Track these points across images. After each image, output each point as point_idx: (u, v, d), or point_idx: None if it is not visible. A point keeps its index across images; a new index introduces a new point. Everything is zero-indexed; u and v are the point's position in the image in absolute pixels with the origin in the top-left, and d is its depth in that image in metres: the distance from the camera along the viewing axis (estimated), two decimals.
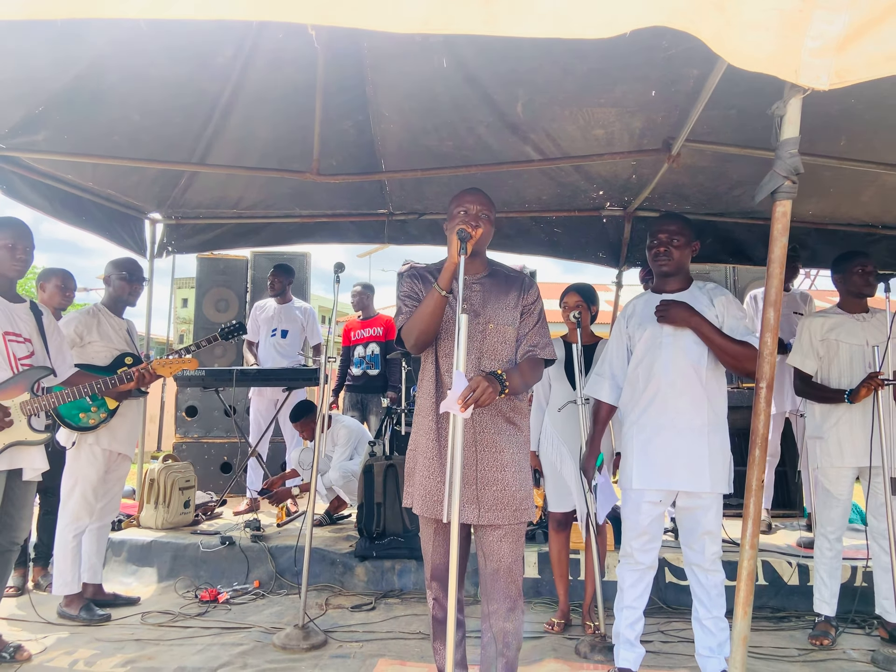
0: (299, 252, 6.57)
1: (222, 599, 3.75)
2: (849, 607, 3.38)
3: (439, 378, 2.34)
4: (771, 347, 1.71)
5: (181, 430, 6.18)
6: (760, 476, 1.72)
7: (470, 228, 2.19)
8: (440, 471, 2.26)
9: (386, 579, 4.00)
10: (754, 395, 1.72)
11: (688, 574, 2.72)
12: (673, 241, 2.70)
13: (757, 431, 1.71)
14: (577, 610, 3.61)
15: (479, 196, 2.38)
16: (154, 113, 3.96)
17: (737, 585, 1.71)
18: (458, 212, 2.36)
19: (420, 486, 2.32)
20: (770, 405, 1.72)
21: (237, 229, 5.29)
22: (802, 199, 4.54)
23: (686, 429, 2.58)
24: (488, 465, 2.26)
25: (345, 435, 4.93)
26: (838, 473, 3.29)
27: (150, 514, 4.48)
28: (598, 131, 3.94)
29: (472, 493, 2.24)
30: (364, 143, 4.32)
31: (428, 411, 2.34)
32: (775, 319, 1.71)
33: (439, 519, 2.24)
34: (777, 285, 1.72)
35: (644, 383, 2.68)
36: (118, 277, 3.76)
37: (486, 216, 2.35)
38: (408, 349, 2.37)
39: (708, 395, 2.61)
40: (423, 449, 2.34)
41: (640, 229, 4.93)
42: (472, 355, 2.29)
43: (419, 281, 2.45)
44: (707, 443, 2.57)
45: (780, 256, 1.71)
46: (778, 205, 1.73)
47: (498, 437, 2.28)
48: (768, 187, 1.73)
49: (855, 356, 3.32)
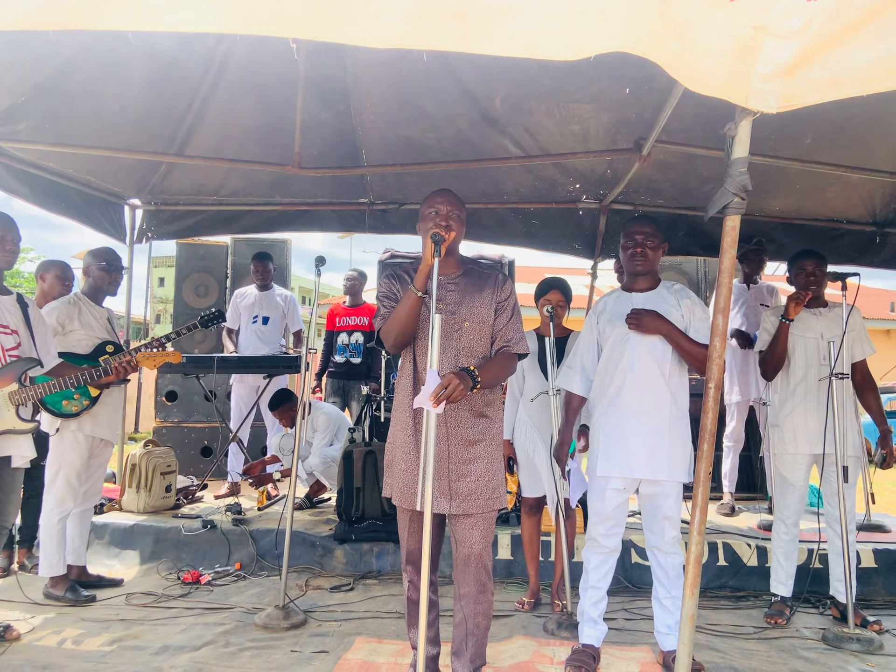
0: (279, 238, 6.62)
1: (204, 581, 3.88)
2: (804, 587, 3.58)
3: (417, 376, 2.47)
4: (719, 350, 1.86)
5: (161, 414, 6.26)
6: (708, 468, 1.88)
7: (443, 231, 2.30)
8: (417, 464, 2.40)
9: (364, 561, 4.14)
10: (703, 394, 1.88)
11: (649, 556, 2.89)
12: (647, 243, 2.85)
13: (705, 427, 1.87)
14: (546, 589, 3.77)
15: (450, 197, 2.50)
16: (134, 103, 4.01)
17: (686, 569, 1.88)
18: (430, 213, 2.46)
19: (398, 479, 2.47)
20: (718, 404, 1.88)
21: (217, 216, 5.34)
22: (770, 196, 4.71)
23: (649, 421, 2.75)
24: (461, 458, 2.41)
25: (324, 421, 5.06)
26: (793, 460, 3.48)
27: (132, 498, 4.57)
28: (575, 127, 4.05)
29: (445, 484, 2.39)
30: (345, 132, 4.38)
31: (406, 408, 2.47)
32: (724, 325, 1.87)
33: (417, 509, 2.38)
34: (726, 294, 1.87)
35: (611, 377, 2.83)
36: (98, 268, 3.82)
37: (456, 216, 2.46)
38: (387, 349, 2.50)
39: (671, 389, 2.77)
40: (400, 444, 2.48)
41: (614, 221, 5.06)
42: (449, 352, 2.43)
43: (396, 281, 2.57)
44: (668, 434, 2.74)
45: (729, 267, 1.86)
46: (728, 220, 1.87)
47: (471, 431, 2.43)
48: (719, 203, 1.88)
49: (809, 349, 3.47)
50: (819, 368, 3.42)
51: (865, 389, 3.52)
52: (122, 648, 3.00)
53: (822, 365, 3.41)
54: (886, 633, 3.29)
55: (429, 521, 2.21)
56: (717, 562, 4.02)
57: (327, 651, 3.00)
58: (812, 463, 3.50)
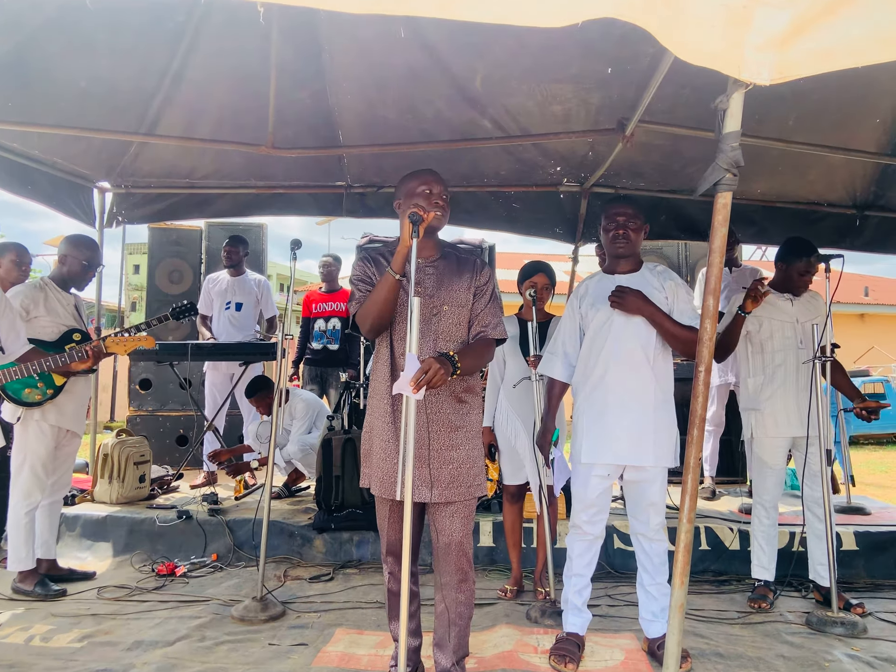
0: (255, 223, 6.51)
1: (179, 573, 3.78)
2: (786, 571, 3.56)
3: (394, 361, 2.38)
4: (710, 333, 1.80)
5: (135, 402, 6.12)
6: (698, 454, 1.82)
7: (422, 211, 2.21)
8: (396, 453, 2.32)
9: (344, 550, 4.07)
10: (693, 377, 1.81)
11: (633, 542, 2.84)
12: (629, 225, 2.77)
13: (695, 412, 1.81)
14: (529, 576, 3.73)
15: (438, 179, 2.40)
16: (101, 80, 3.85)
17: (675, 557, 1.82)
18: (422, 191, 2.36)
19: (377, 468, 2.38)
20: (708, 388, 1.82)
21: (190, 199, 5.19)
22: (751, 179, 4.67)
23: (633, 406, 2.68)
24: (442, 445, 2.33)
25: (302, 408, 4.96)
26: (773, 444, 3.45)
27: (105, 488, 4.45)
28: (556, 107, 3.97)
29: (426, 472, 2.31)
30: (321, 113, 4.26)
31: (383, 394, 2.38)
32: (714, 307, 1.80)
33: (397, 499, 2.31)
34: (717, 274, 1.80)
35: (595, 362, 2.76)
36: (78, 262, 3.66)
37: (446, 198, 2.38)
38: (363, 334, 2.40)
39: (655, 374, 2.70)
40: (378, 431, 2.39)
41: (596, 205, 5.00)
42: (427, 337, 2.34)
43: (371, 264, 2.46)
44: (653, 419, 2.68)
45: (721, 247, 1.79)
46: (719, 196, 1.80)
47: (451, 417, 2.34)
48: (710, 179, 1.80)
49: (786, 333, 3.43)
50: (797, 352, 3.39)
51: (833, 370, 3.48)
52: (93, 644, 2.89)
53: (801, 349, 3.39)
54: (870, 616, 3.27)
55: (409, 510, 2.14)
56: (700, 546, 3.99)
57: (306, 644, 2.91)
58: (790, 446, 3.48)
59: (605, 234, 2.86)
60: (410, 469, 2.13)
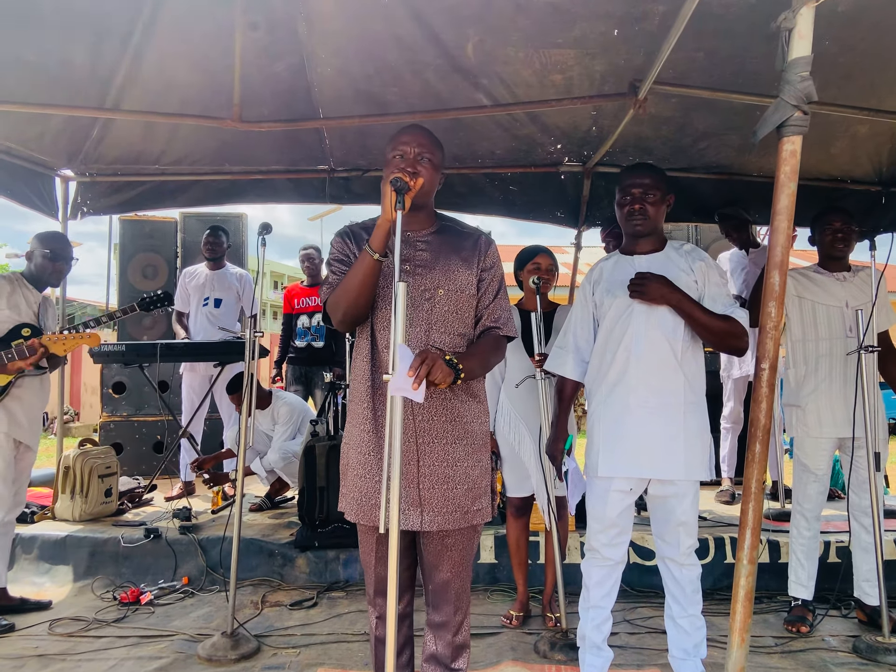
0: (234, 213, 6.13)
1: (145, 600, 3.37)
2: (822, 585, 3.17)
3: (376, 356, 1.95)
4: (776, 319, 1.39)
5: (109, 407, 5.72)
6: (760, 476, 1.42)
7: (407, 177, 1.80)
8: (377, 469, 1.91)
9: (330, 570, 3.68)
10: (755, 378, 1.40)
11: (660, 568, 2.44)
12: (648, 197, 2.36)
13: (758, 422, 1.40)
14: (536, 597, 3.35)
15: (419, 135, 1.99)
16: (52, 53, 3.44)
17: (732, 607, 1.42)
18: (394, 157, 1.97)
19: (353, 488, 1.97)
20: (773, 390, 1.41)
21: (161, 188, 4.81)
22: (769, 152, 4.28)
23: (659, 409, 2.28)
24: (434, 460, 1.90)
25: (286, 412, 4.58)
26: (815, 445, 3.06)
27: (66, 504, 4.06)
28: (556, 76, 3.59)
29: (415, 494, 1.90)
30: (299, 89, 3.85)
31: (362, 398, 1.96)
32: (780, 285, 1.39)
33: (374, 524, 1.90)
34: (783, 242, 1.39)
35: (612, 358, 2.36)
36: (41, 255, 3.37)
37: (427, 160, 1.96)
38: (334, 325, 1.97)
39: (684, 370, 2.30)
40: (356, 443, 1.98)
41: (599, 186, 4.66)
42: (418, 327, 1.91)
43: (351, 240, 2.04)
44: (682, 424, 2.27)
45: (788, 207, 1.38)
46: (786, 141, 1.39)
47: (446, 427, 1.92)
48: (773, 119, 1.39)
49: (833, 319, 3.06)
50: (845, 341, 2.98)
51: (888, 361, 3.10)
52: None
53: (849, 337, 2.97)
54: None
55: (395, 541, 1.73)
56: (725, 559, 3.60)
57: None
58: (835, 447, 3.08)
59: (619, 209, 2.45)
60: (397, 490, 1.72)
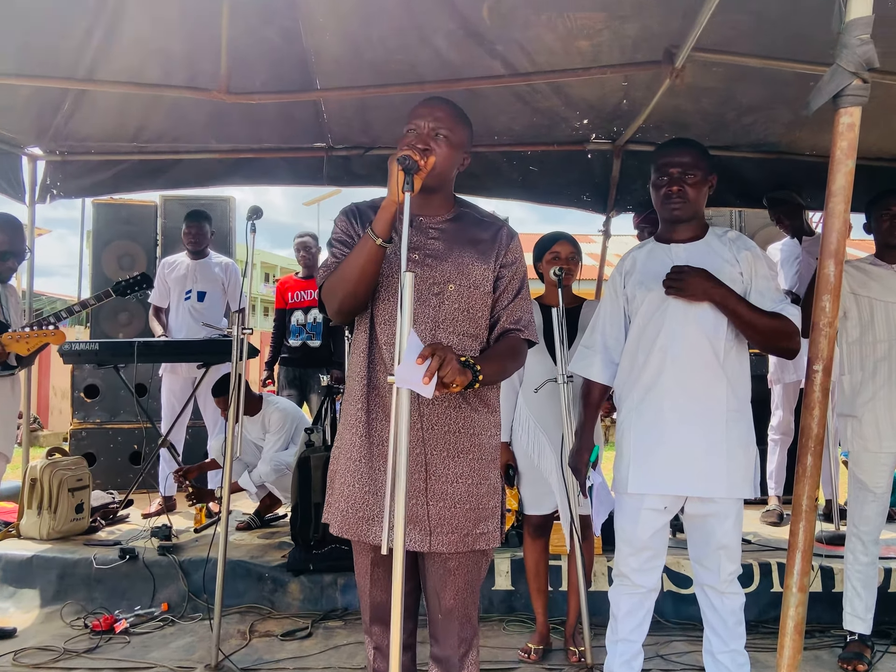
0: (220, 196, 6.13)
1: (120, 629, 3.40)
2: (882, 618, 3.16)
3: (374, 353, 1.96)
4: (830, 315, 1.38)
5: (80, 413, 5.75)
6: (812, 493, 1.41)
7: (417, 155, 1.80)
8: (368, 478, 1.91)
9: (326, 597, 3.71)
10: (806, 381, 1.40)
11: (698, 597, 2.44)
12: (687, 177, 2.36)
13: (810, 432, 1.39)
14: (557, 628, 3.35)
15: (436, 107, 1.99)
16: (17, 17, 3.47)
17: (779, 642, 1.42)
18: (407, 131, 1.98)
19: (339, 497, 1.97)
20: (827, 396, 1.40)
21: (140, 167, 4.86)
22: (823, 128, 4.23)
23: (698, 417, 2.28)
24: (442, 473, 1.91)
25: (278, 420, 4.61)
26: (874, 460, 3.04)
27: (33, 521, 4.10)
28: (582, 42, 3.59)
29: (422, 509, 1.89)
30: (294, 57, 3.88)
31: (357, 397, 1.96)
32: (836, 276, 1.38)
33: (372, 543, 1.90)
34: (839, 227, 1.38)
35: (645, 359, 2.36)
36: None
37: (444, 136, 1.95)
38: (329, 315, 1.98)
39: (727, 373, 2.30)
40: (346, 447, 1.98)
41: (631, 166, 4.66)
42: (423, 325, 1.91)
43: (357, 220, 2.05)
44: (724, 435, 2.27)
45: (845, 187, 1.37)
46: (842, 113, 1.39)
47: (449, 438, 1.91)
48: (829, 88, 1.38)
49: (893, 317, 3.04)
50: None
51: None
52: None
53: None
54: None
55: (400, 562, 1.72)
56: (772, 587, 3.60)
57: None
58: None
59: (654, 191, 2.44)
60: (402, 504, 1.71)
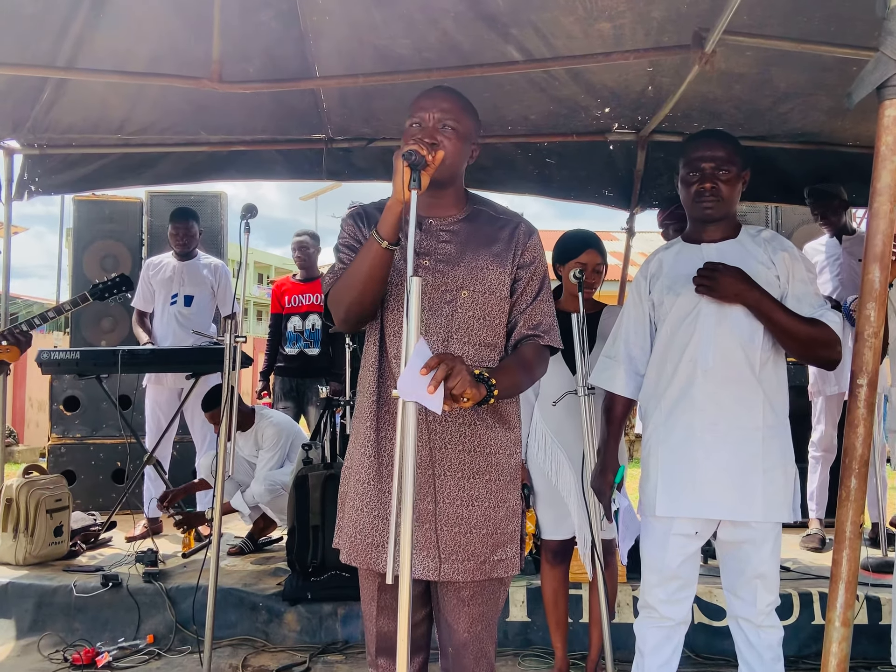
0: (210, 192, 6.28)
1: (102, 663, 3.46)
2: None
3: (384, 367, 2.00)
4: (875, 324, 1.39)
5: (59, 428, 5.84)
6: (857, 517, 1.42)
7: (423, 149, 1.82)
8: (376, 501, 1.95)
9: (326, 628, 3.76)
10: (850, 396, 1.41)
11: (732, 630, 2.47)
12: (721, 173, 2.39)
13: (854, 451, 1.40)
14: (578, 664, 3.39)
15: (441, 97, 2.03)
16: None
17: None
18: (411, 125, 2.02)
19: (349, 522, 2.02)
20: (872, 411, 1.41)
21: (124, 161, 4.96)
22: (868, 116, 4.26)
23: (732, 434, 2.32)
24: (455, 496, 1.93)
25: (272, 435, 4.67)
26: None
27: (9, 545, 4.17)
28: (604, 24, 3.65)
29: (431, 535, 1.92)
30: (291, 42, 3.96)
31: (367, 415, 2.01)
32: (882, 282, 1.39)
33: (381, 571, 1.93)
34: (885, 229, 1.40)
35: (674, 370, 2.40)
36: None
37: (451, 128, 1.98)
38: (336, 324, 2.03)
39: (763, 386, 2.33)
40: (356, 468, 2.02)
41: (657, 158, 4.73)
42: (435, 336, 1.94)
43: (364, 224, 2.10)
44: (761, 453, 2.31)
45: (891, 185, 1.39)
46: (888, 105, 1.41)
47: (463, 457, 1.94)
48: (873, 78, 1.40)
49: None
50: None
51: None
52: None
53: None
54: None
55: (406, 591, 1.74)
56: (813, 620, 3.61)
57: None
58: None
59: (684, 187, 2.48)
60: (409, 529, 1.73)
